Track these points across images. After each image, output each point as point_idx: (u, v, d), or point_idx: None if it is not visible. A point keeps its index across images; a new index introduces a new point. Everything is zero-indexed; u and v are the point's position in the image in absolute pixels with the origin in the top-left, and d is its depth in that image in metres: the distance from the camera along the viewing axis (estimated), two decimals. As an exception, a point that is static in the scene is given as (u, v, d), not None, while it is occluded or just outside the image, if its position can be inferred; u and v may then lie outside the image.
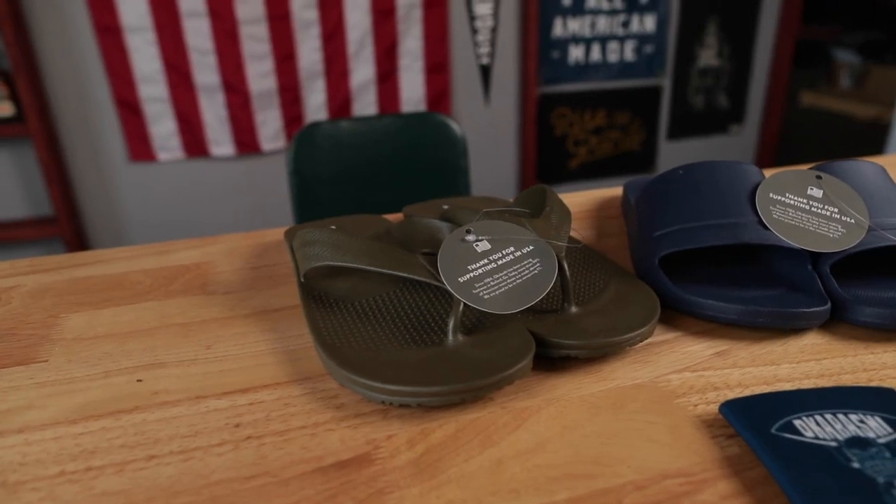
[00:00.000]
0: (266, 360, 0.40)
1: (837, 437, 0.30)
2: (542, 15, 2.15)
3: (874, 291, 0.43)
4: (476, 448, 0.32)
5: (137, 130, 1.96)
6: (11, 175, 1.88)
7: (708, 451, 0.31)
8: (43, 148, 1.79)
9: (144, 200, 2.02)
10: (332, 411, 0.35)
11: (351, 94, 2.14)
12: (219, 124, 2.02)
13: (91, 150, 1.93)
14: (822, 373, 0.37)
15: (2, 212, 1.90)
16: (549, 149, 2.33)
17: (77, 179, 1.94)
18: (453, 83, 2.21)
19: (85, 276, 0.51)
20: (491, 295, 0.38)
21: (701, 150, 2.51)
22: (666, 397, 0.35)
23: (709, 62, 2.36)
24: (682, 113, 2.40)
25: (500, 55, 2.19)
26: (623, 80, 2.28)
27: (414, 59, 2.15)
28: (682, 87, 2.36)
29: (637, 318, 0.39)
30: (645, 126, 2.37)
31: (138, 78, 1.91)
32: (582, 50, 2.21)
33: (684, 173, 0.49)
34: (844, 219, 0.44)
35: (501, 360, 0.35)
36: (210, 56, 1.94)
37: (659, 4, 2.21)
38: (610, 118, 2.33)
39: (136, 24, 1.85)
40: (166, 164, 2.01)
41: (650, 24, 2.23)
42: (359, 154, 1.19)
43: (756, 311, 0.40)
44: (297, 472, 0.31)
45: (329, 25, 2.03)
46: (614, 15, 2.19)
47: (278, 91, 2.05)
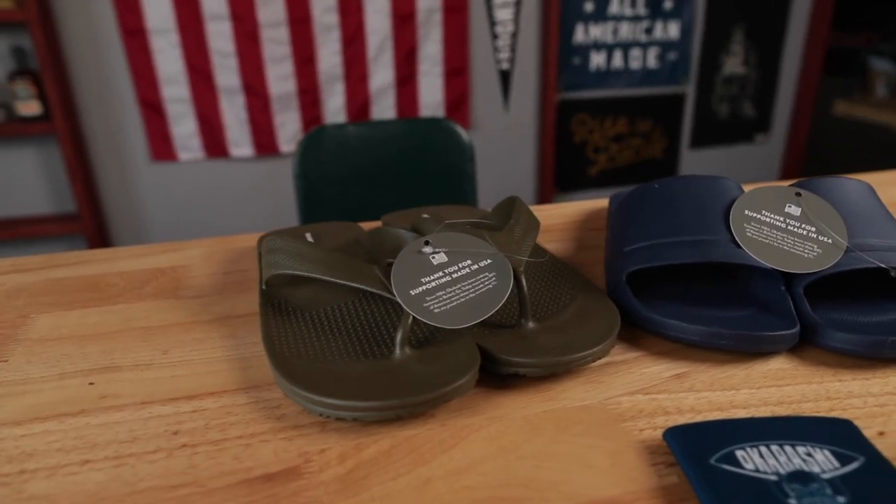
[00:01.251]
0: (219, 367, 0.40)
1: (779, 470, 0.29)
2: (564, 21, 2.13)
3: (849, 315, 0.41)
4: (407, 466, 0.31)
5: (160, 130, 2.00)
6: (37, 172, 1.93)
7: (645, 480, 0.30)
8: (68, 146, 1.83)
9: (165, 199, 2.06)
10: (271, 422, 0.35)
11: (370, 97, 2.15)
12: (238, 125, 2.05)
13: (114, 148, 1.97)
14: (782, 400, 0.36)
15: (27, 208, 1.96)
16: (568, 155, 2.31)
17: (100, 177, 1.99)
18: (472, 88, 2.21)
19: (62, 277, 0.52)
20: (441, 309, 0.38)
21: (725, 159, 2.46)
22: (612, 420, 0.34)
23: (734, 70, 2.31)
24: (706, 121, 2.36)
25: (519, 61, 2.18)
26: (645, 87, 2.25)
27: (433, 64, 2.15)
28: (706, 95, 2.31)
29: (594, 337, 0.38)
30: (667, 134, 2.34)
31: (161, 79, 1.95)
32: (604, 56, 2.19)
33: (660, 187, 0.48)
34: (822, 238, 0.43)
35: (443, 376, 0.34)
36: (231, 58, 1.97)
37: (683, 11, 2.18)
38: (631, 125, 2.30)
39: (161, 27, 1.89)
40: (187, 163, 2.05)
41: (674, 30, 2.19)
42: (365, 158, 1.19)
43: (719, 333, 0.39)
44: (223, 483, 0.30)
45: (349, 29, 2.05)
46: (637, 21, 2.16)
47: (297, 94, 2.07)
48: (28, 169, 1.93)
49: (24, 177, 1.93)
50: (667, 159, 2.38)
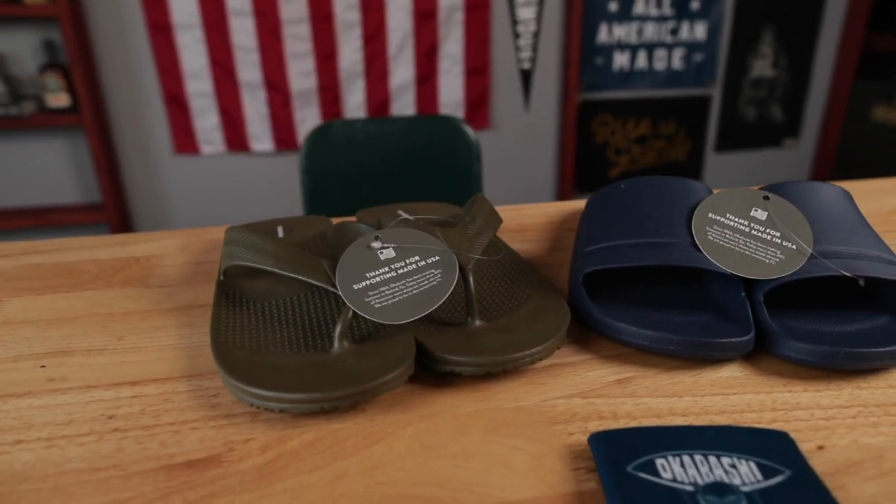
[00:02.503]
0: (168, 355, 0.40)
1: (697, 480, 0.28)
2: (587, 21, 2.11)
3: (810, 324, 0.40)
4: (326, 459, 0.31)
5: (183, 124, 2.04)
6: (66, 162, 1.99)
7: (562, 485, 0.30)
8: (94, 138, 1.89)
9: (186, 191, 2.10)
10: (205, 410, 0.35)
11: (390, 94, 2.16)
12: (260, 120, 2.08)
13: (139, 141, 2.02)
14: (725, 409, 0.35)
15: (55, 197, 2.02)
16: (588, 156, 2.28)
17: (125, 168, 2.04)
18: (493, 87, 2.20)
19: (39, 263, 0.54)
20: (382, 304, 0.38)
21: (751, 163, 2.40)
22: (544, 423, 0.34)
23: (763, 72, 2.25)
24: (732, 124, 2.30)
25: (541, 60, 2.17)
26: (670, 88, 2.21)
27: (454, 62, 2.15)
28: (732, 97, 2.26)
29: (537, 338, 0.38)
30: (691, 137, 2.29)
31: (186, 73, 1.99)
32: (627, 57, 2.15)
33: (626, 188, 0.47)
34: (785, 244, 0.41)
35: (373, 371, 0.34)
36: (254, 54, 2.00)
37: (711, 11, 2.13)
38: (654, 127, 2.26)
39: (186, 22, 1.93)
40: (209, 157, 2.09)
41: (700, 31, 2.15)
42: (371, 155, 1.20)
43: (667, 339, 0.38)
44: (144, 468, 0.31)
45: (371, 27, 2.06)
46: (663, 22, 2.12)
47: (318, 90, 2.09)
48: (57, 159, 1.99)
49: (53, 167, 1.99)
50: (690, 162, 2.33)
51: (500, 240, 0.51)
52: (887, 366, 0.36)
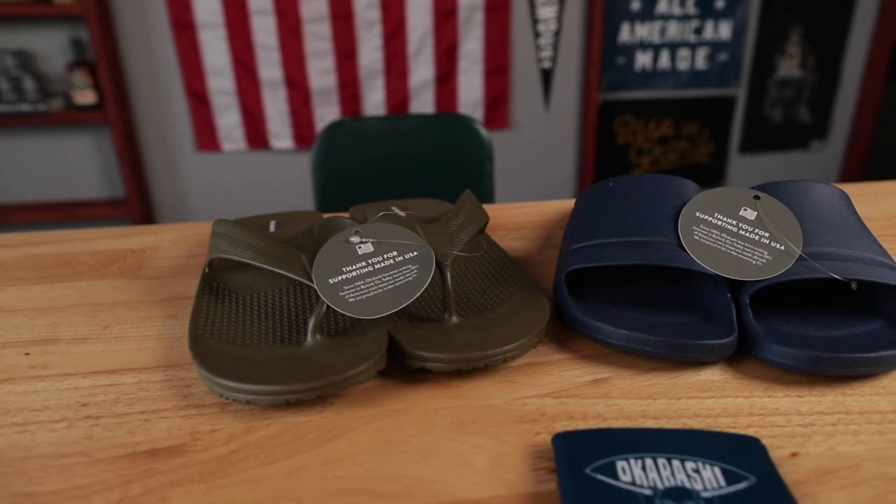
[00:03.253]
0: (149, 345, 0.41)
1: (657, 485, 0.27)
2: (609, 20, 2.08)
3: (796, 328, 0.39)
4: (287, 451, 0.31)
5: (205, 121, 2.07)
6: (91, 158, 2.04)
7: (520, 484, 0.29)
8: (119, 134, 1.93)
9: (208, 187, 2.13)
10: (177, 400, 0.35)
11: (409, 93, 2.16)
12: (280, 118, 2.10)
13: (162, 137, 2.05)
14: (700, 413, 0.34)
15: (81, 192, 2.06)
16: (609, 157, 2.26)
17: (148, 165, 2.08)
18: (512, 86, 2.19)
19: (39, 254, 0.55)
20: (357, 298, 0.38)
21: (777, 165, 2.34)
22: (511, 422, 0.33)
23: (790, 73, 2.20)
24: (757, 126, 2.26)
25: (562, 60, 2.15)
26: (693, 88, 2.17)
27: (473, 62, 2.14)
28: (758, 98, 2.21)
29: (511, 336, 0.37)
30: (714, 138, 2.25)
31: (208, 71, 2.02)
32: (650, 56, 2.12)
33: (614, 186, 0.46)
34: (774, 245, 0.40)
35: (341, 365, 0.34)
36: (274, 52, 2.02)
37: (736, 10, 2.09)
38: (677, 128, 2.22)
39: (209, 21, 1.96)
40: (230, 154, 2.12)
41: (725, 30, 2.11)
42: (382, 153, 1.20)
43: (644, 339, 0.37)
44: (109, 455, 0.31)
45: (391, 25, 2.07)
46: (686, 21, 2.09)
47: (338, 88, 2.10)
48: (83, 155, 2.03)
49: (79, 162, 2.04)
50: (713, 164, 2.29)
51: (488, 237, 0.51)
52: (873, 372, 0.35)
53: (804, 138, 2.31)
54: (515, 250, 0.54)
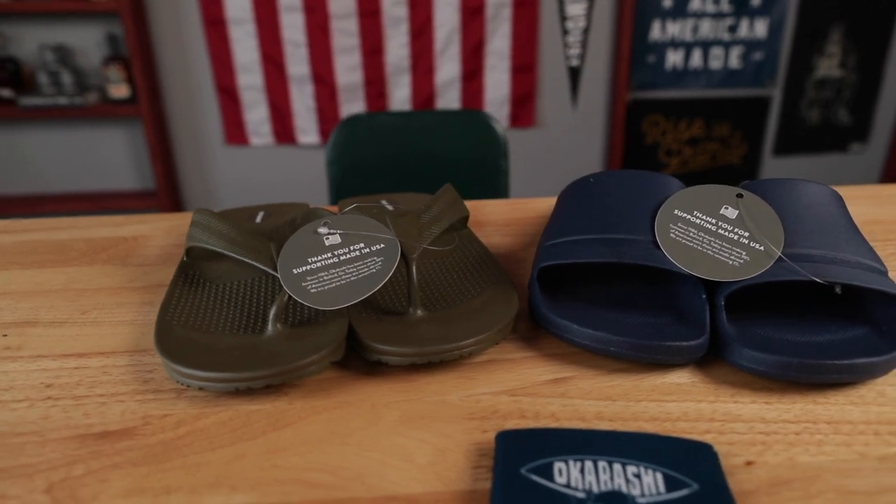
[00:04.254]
0: (122, 330, 0.42)
1: (592, 488, 0.26)
2: (640, 17, 2.04)
3: (773, 332, 0.37)
4: (232, 439, 0.31)
5: (234, 116, 2.10)
6: (124, 150, 2.10)
7: (457, 482, 0.28)
8: (151, 127, 1.97)
9: (235, 181, 2.17)
10: (137, 385, 0.36)
11: (435, 90, 2.16)
12: (306, 113, 2.12)
13: (192, 131, 2.10)
14: (657, 416, 0.33)
15: (113, 183, 2.12)
16: (637, 157, 2.22)
17: (178, 157, 2.13)
18: (539, 84, 2.17)
19: (36, 240, 0.56)
20: (319, 289, 0.37)
21: (813, 168, 2.27)
22: (461, 418, 0.33)
23: (829, 73, 2.12)
24: (793, 127, 2.18)
25: (590, 57, 2.12)
26: (726, 88, 2.12)
27: (500, 59, 2.13)
28: (794, 98, 2.14)
29: (474, 332, 0.36)
30: (747, 139, 2.19)
31: (238, 67, 2.05)
32: (681, 55, 2.08)
33: (594, 181, 0.45)
34: (753, 245, 0.38)
35: (294, 355, 0.34)
36: (302, 48, 2.04)
37: (773, 8, 2.03)
38: (708, 129, 2.17)
39: (240, 17, 1.99)
40: (257, 148, 2.15)
41: (761, 28, 2.04)
42: (398, 148, 1.20)
43: (608, 339, 0.36)
44: (61, 436, 0.32)
45: (418, 22, 2.07)
46: (720, 18, 2.03)
47: (364, 84, 2.11)
48: (117, 147, 2.09)
49: (113, 154, 2.10)
50: (746, 166, 2.22)
51: (469, 231, 0.50)
52: (847, 380, 0.33)
53: (843, 140, 2.22)
54: (501, 246, 0.54)
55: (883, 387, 0.35)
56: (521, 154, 2.22)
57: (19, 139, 2.06)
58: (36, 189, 2.12)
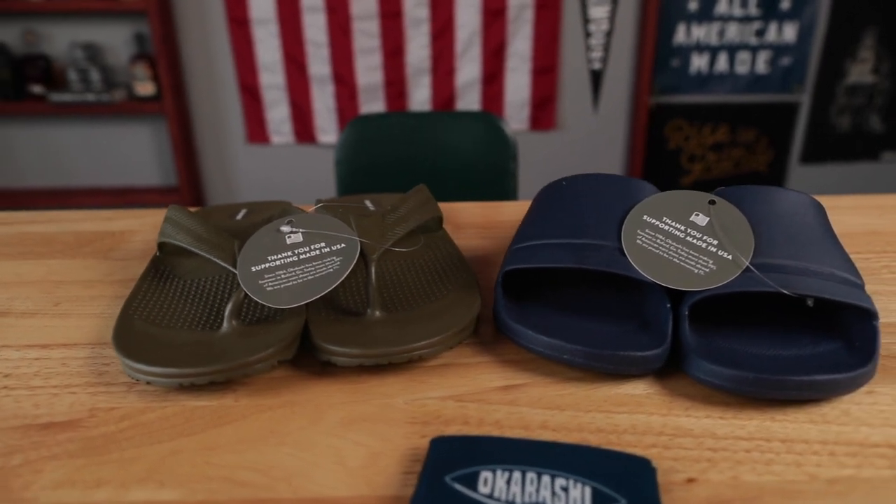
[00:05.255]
0: (89, 323, 0.42)
1: (515, 500, 0.26)
2: (664, 20, 2.01)
3: (737, 344, 0.36)
4: (172, 434, 0.31)
5: (256, 114, 2.13)
6: (149, 147, 2.14)
7: (385, 486, 0.28)
8: (175, 125, 2.01)
9: (256, 179, 2.20)
10: (92, 377, 0.36)
11: (455, 92, 2.15)
12: (327, 113, 2.14)
13: (215, 129, 2.13)
14: (604, 428, 0.32)
15: (137, 179, 2.17)
16: (659, 162, 2.18)
17: (200, 155, 2.16)
18: (560, 87, 2.15)
19: (28, 232, 0.57)
20: (275, 287, 0.37)
21: (843, 177, 2.20)
22: (403, 422, 0.32)
23: (861, 79, 2.05)
24: (822, 134, 2.12)
25: (613, 60, 2.09)
26: (752, 93, 2.07)
27: (522, 61, 2.11)
28: (823, 105, 2.08)
29: (428, 335, 0.36)
30: (773, 146, 2.13)
31: (260, 66, 2.08)
32: (706, 59, 2.04)
33: (567, 184, 0.44)
34: (721, 254, 0.37)
35: (241, 352, 0.34)
36: (324, 49, 2.06)
37: (803, 12, 1.97)
38: (733, 134, 2.12)
39: (263, 17, 2.02)
40: (278, 146, 2.17)
41: (790, 33, 1.99)
42: (406, 148, 1.20)
43: (561, 347, 0.35)
44: (7, 426, 0.32)
45: (439, 23, 2.07)
46: (748, 22, 1.99)
47: (384, 85, 2.12)
48: (142, 144, 2.14)
49: (139, 151, 2.15)
50: (771, 173, 2.17)
51: (445, 233, 0.50)
52: (806, 397, 0.32)
53: (875, 149, 2.15)
54: (479, 249, 0.53)
55: (849, 405, 0.33)
56: (541, 157, 2.21)
57: (49, 134, 2.12)
58: (63, 182, 2.17)
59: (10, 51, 1.98)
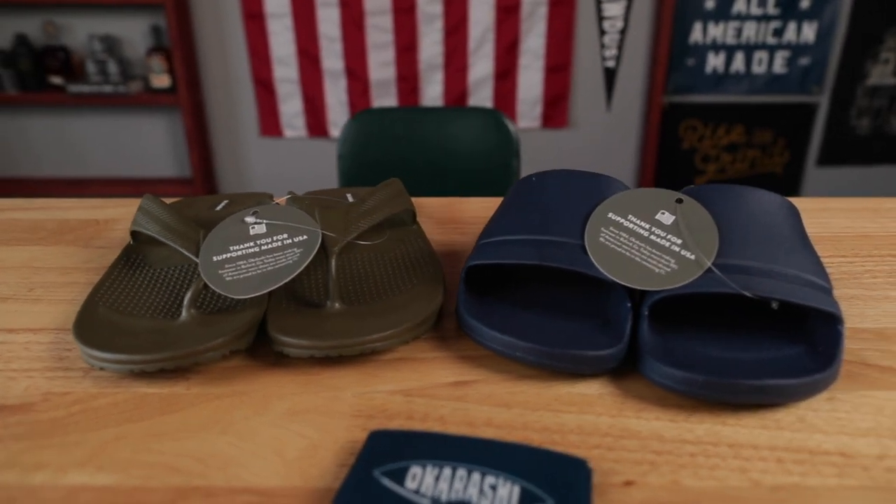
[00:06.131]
0: (59, 309, 0.43)
1: (441, 496, 0.25)
2: (680, 19, 1.98)
3: (696, 346, 0.35)
4: (119, 420, 0.32)
5: (269, 108, 2.15)
6: (164, 138, 2.17)
7: (318, 479, 0.28)
8: (189, 117, 2.03)
9: (268, 171, 2.22)
10: (51, 362, 0.37)
11: (468, 88, 2.15)
12: (339, 107, 2.15)
13: (228, 122, 2.15)
14: (549, 427, 0.31)
15: (152, 170, 2.20)
16: (672, 162, 2.15)
17: (214, 147, 2.18)
18: (574, 85, 2.13)
19: (16, 219, 0.58)
20: (234, 277, 0.37)
21: (862, 180, 2.15)
22: (348, 415, 0.32)
23: (882, 80, 2.01)
24: (841, 137, 2.08)
25: (626, 59, 2.07)
26: (768, 94, 2.03)
27: (535, 58, 2.10)
28: (843, 106, 2.04)
29: (380, 328, 0.36)
30: (790, 148, 2.09)
31: (274, 60, 2.09)
32: (722, 58, 2.00)
33: (537, 180, 0.43)
34: (683, 253, 0.36)
35: (193, 341, 0.34)
36: (337, 43, 2.07)
37: (824, 11, 1.93)
38: (748, 135, 2.09)
39: (278, 11, 2.03)
40: (290, 140, 2.19)
41: (809, 32, 1.95)
42: (408, 143, 1.20)
43: (514, 344, 0.34)
44: (-38, 407, 0.33)
45: (453, 20, 2.06)
46: (766, 21, 1.95)
47: (396, 80, 2.12)
48: (157, 135, 2.16)
49: (154, 142, 2.17)
50: (787, 175, 2.13)
51: (419, 227, 0.49)
52: (759, 402, 0.31)
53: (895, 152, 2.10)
54: (456, 244, 0.53)
55: (805, 412, 0.32)
56: (553, 155, 2.19)
57: (67, 124, 2.16)
58: (80, 172, 2.21)
59: (31, 42, 2.02)
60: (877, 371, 0.35)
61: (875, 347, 0.38)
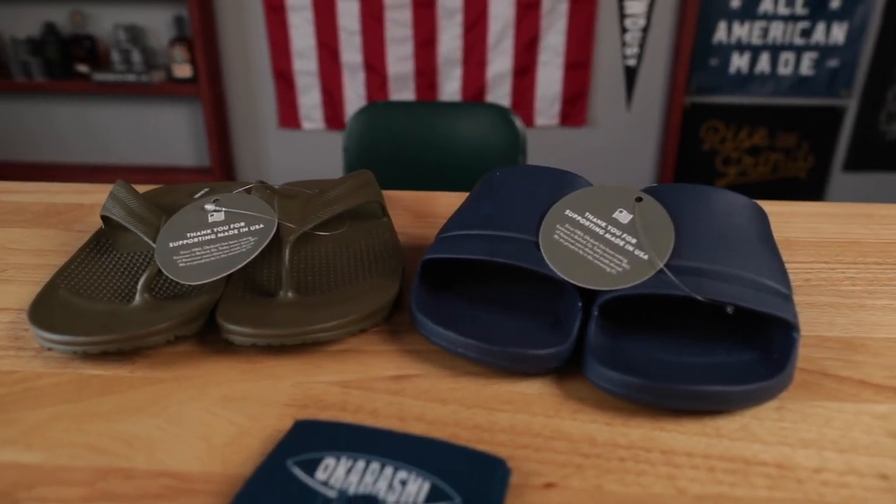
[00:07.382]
0: (25, 289, 0.43)
1: (349, 489, 0.25)
2: (705, 18, 1.94)
3: (644, 349, 0.34)
4: (58, 400, 0.32)
5: (288, 100, 2.16)
6: (184, 128, 2.20)
7: (240, 465, 0.28)
8: (209, 107, 2.06)
9: (286, 162, 2.24)
10: (7, 341, 0.37)
11: (486, 84, 2.14)
12: (357, 100, 2.15)
13: (248, 113, 2.18)
14: (480, 425, 0.31)
15: (172, 158, 2.23)
16: (692, 164, 2.11)
17: (233, 137, 2.21)
18: (593, 83, 2.10)
19: (3, 201, 0.60)
20: (188, 264, 0.38)
21: (889, 185, 2.08)
22: (282, 404, 0.32)
23: (915, 84, 1.94)
24: (870, 142, 2.02)
25: (648, 57, 2.03)
26: (794, 96, 1.98)
27: (554, 55, 2.08)
28: (873, 110, 1.98)
29: (326, 319, 0.36)
30: (815, 152, 2.04)
31: (294, 52, 2.11)
32: (747, 59, 1.96)
33: (501, 175, 0.43)
34: (637, 253, 0.35)
35: (140, 325, 0.34)
36: (356, 36, 2.07)
37: (854, 12, 1.87)
38: (772, 138, 2.04)
39: (298, 4, 2.04)
40: (308, 132, 2.20)
41: (839, 33, 1.90)
42: (414, 138, 1.20)
43: (455, 340, 0.34)
44: (-88, 381, 0.33)
45: (472, 15, 2.05)
46: (793, 21, 1.90)
47: (415, 75, 2.12)
48: (178, 125, 2.20)
49: (175, 131, 2.21)
50: (811, 180, 2.08)
51: (389, 220, 0.49)
52: (698, 408, 0.30)
53: (926, 159, 2.03)
54: (429, 238, 0.52)
55: (750, 420, 0.31)
56: (571, 154, 2.17)
57: (91, 112, 2.20)
58: (101, 159, 2.26)
59: (58, 31, 2.07)
60: (834, 381, 0.34)
61: (838, 357, 0.36)
